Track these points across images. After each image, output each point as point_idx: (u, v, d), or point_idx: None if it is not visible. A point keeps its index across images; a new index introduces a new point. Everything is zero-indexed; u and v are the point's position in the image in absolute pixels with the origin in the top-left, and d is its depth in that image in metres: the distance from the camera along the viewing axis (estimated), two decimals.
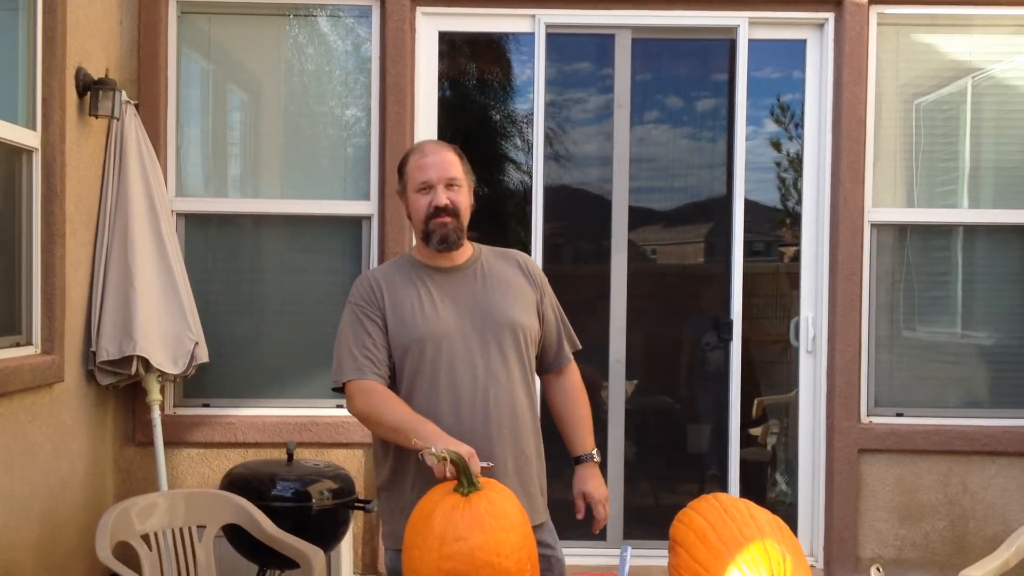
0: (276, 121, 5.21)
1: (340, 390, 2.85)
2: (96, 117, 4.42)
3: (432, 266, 2.90)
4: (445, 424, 2.67)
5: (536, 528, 2.75)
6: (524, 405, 2.87)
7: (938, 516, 5.04)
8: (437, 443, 2.45)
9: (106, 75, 4.47)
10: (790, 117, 5.27)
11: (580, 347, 3.15)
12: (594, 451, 3.06)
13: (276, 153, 5.22)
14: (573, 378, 3.12)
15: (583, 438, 3.06)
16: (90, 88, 4.37)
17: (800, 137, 5.20)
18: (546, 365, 3.07)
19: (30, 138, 4.05)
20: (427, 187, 2.83)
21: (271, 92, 5.24)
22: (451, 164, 2.86)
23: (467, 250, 2.94)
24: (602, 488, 3.03)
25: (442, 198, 2.81)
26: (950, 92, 5.17)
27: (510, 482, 2.72)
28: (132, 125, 4.61)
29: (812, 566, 5.11)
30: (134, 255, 4.51)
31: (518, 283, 2.95)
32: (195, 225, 5.03)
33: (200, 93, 5.13)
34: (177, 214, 4.95)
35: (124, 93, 4.56)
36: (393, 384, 2.83)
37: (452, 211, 2.82)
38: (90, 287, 4.52)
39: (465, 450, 2.44)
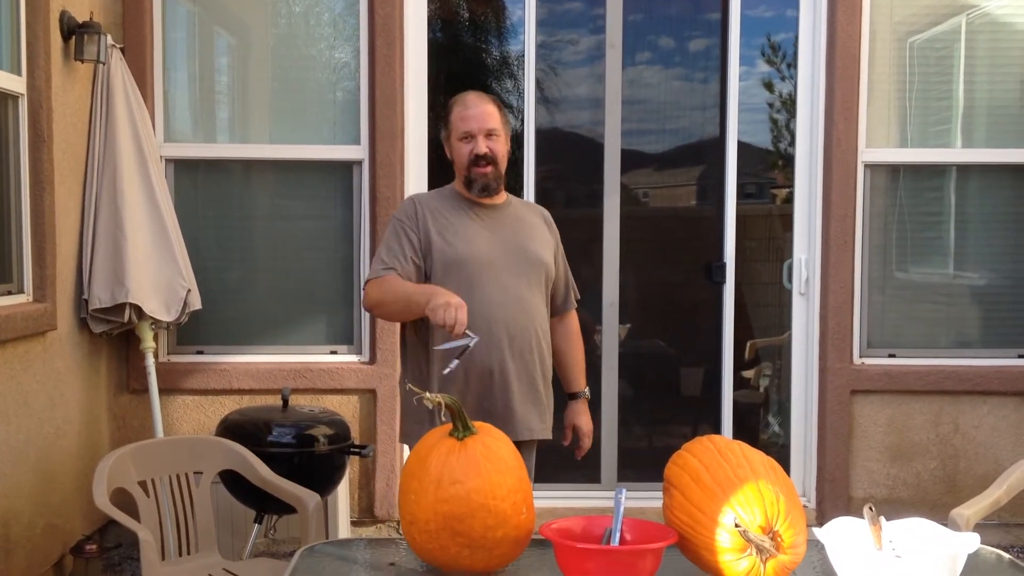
0: (264, 64, 5.14)
1: None
2: (82, 62, 4.36)
3: (476, 201, 3.22)
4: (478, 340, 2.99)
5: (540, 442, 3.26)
6: (543, 334, 3.24)
7: (930, 456, 5.08)
8: (437, 297, 2.82)
9: (91, 18, 4.40)
10: (782, 57, 5.22)
11: (579, 297, 3.52)
12: (586, 389, 3.50)
13: (264, 97, 5.16)
14: (574, 323, 3.50)
15: (578, 376, 3.48)
16: (75, 32, 4.31)
17: (793, 77, 5.15)
18: (553, 309, 3.37)
19: (15, 83, 4.00)
20: (468, 136, 3.17)
21: (258, 35, 5.16)
22: (491, 115, 3.19)
23: (503, 194, 3.28)
24: (590, 423, 3.49)
25: (482, 147, 3.15)
26: (944, 30, 5.12)
27: (525, 398, 3.14)
28: (118, 69, 4.55)
29: (805, 506, 5.15)
30: (123, 202, 4.47)
31: (543, 230, 3.33)
32: (184, 171, 4.98)
33: (186, 36, 5.05)
34: (165, 159, 4.90)
35: (109, 37, 4.49)
36: None
37: (491, 159, 3.16)
38: (80, 234, 4.49)
39: (456, 301, 2.79)
